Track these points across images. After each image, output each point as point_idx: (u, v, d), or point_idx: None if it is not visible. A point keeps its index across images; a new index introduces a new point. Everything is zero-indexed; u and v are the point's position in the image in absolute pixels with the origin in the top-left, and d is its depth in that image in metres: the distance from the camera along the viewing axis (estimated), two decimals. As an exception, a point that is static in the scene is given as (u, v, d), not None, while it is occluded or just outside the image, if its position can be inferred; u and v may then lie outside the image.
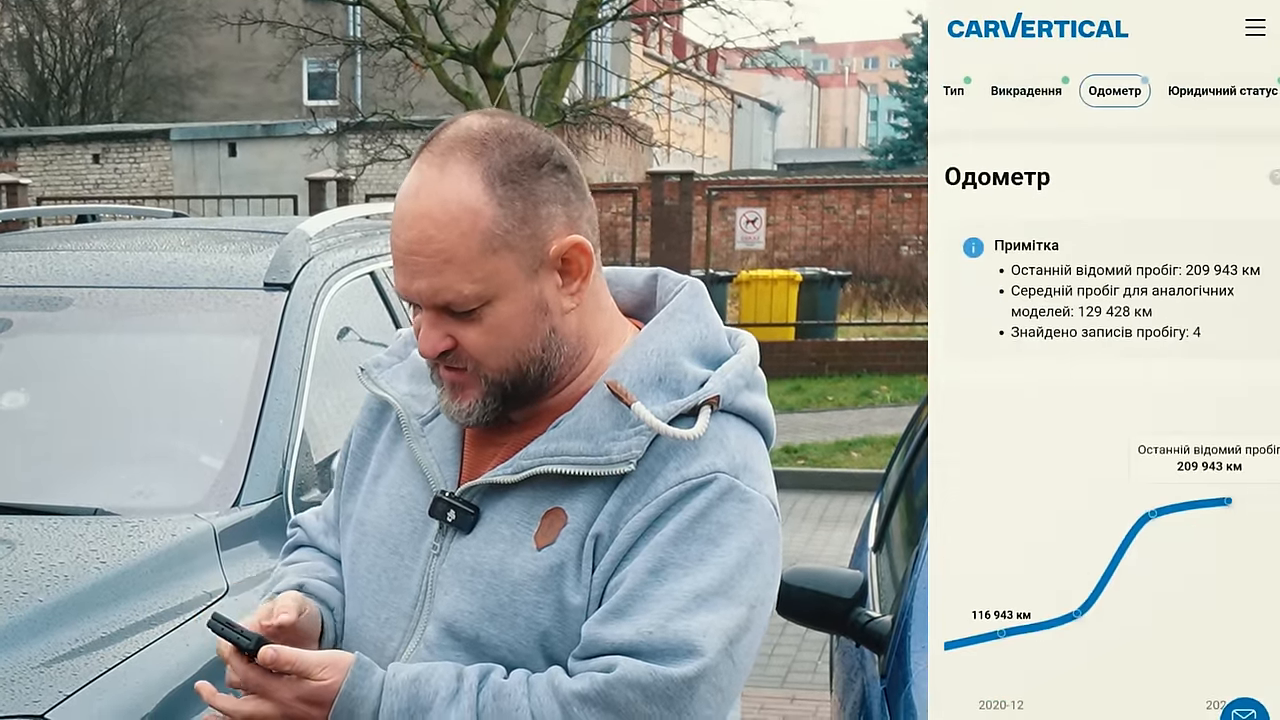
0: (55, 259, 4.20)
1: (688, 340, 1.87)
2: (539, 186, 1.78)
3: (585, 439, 1.80)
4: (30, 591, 2.90)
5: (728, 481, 1.79)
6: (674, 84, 31.90)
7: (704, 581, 1.74)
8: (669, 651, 1.72)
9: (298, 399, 3.65)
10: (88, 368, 3.86)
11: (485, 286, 1.76)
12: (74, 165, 28.09)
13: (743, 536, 1.78)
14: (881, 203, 25.37)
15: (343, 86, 31.14)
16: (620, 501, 1.78)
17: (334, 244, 4.27)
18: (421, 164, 1.79)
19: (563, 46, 17.97)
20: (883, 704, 3.07)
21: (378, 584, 1.93)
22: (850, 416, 13.84)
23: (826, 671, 5.86)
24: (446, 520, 1.87)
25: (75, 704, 2.63)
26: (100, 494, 3.42)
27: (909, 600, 3.13)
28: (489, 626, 1.81)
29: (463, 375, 1.83)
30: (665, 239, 18.03)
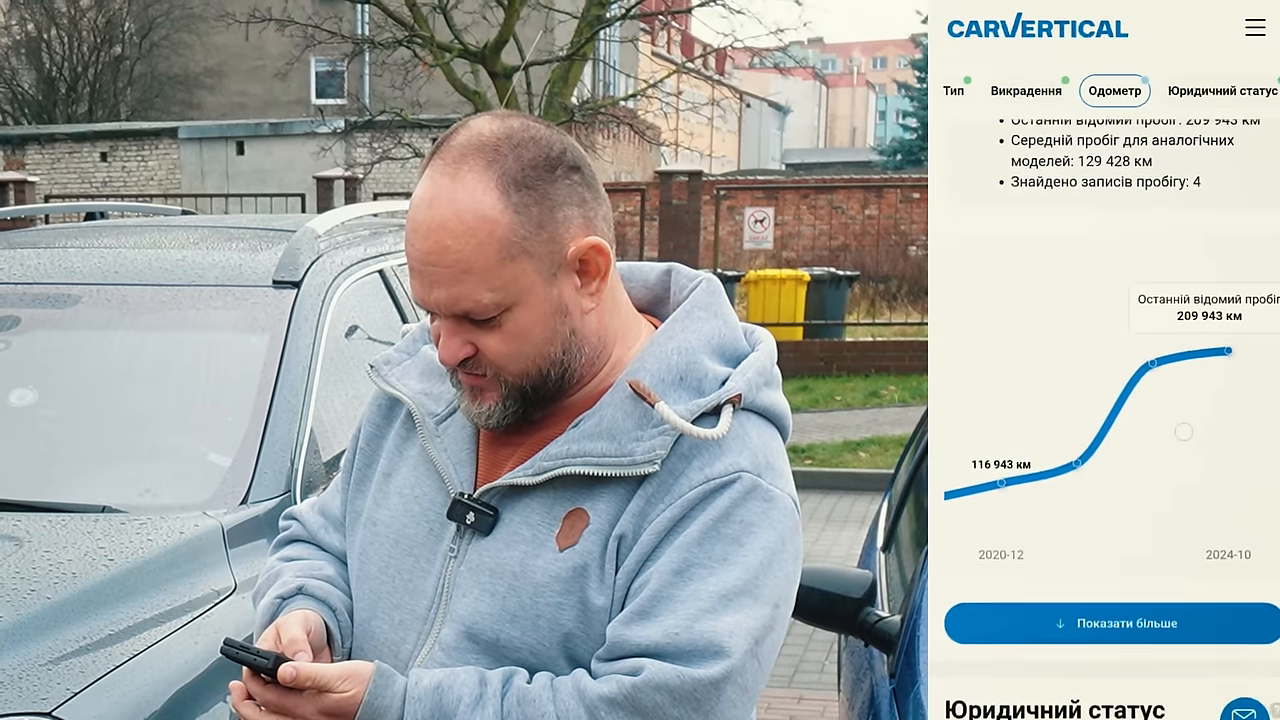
0: (64, 256, 4.20)
1: (707, 338, 1.86)
2: (554, 190, 1.76)
3: (608, 439, 1.79)
4: (38, 589, 2.90)
5: (751, 481, 1.77)
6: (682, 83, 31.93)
7: (729, 581, 1.73)
8: (696, 653, 1.71)
9: (306, 397, 3.64)
10: (96, 365, 3.86)
11: (504, 294, 1.75)
12: (82, 163, 28.14)
13: (766, 535, 1.77)
14: (890, 203, 25.37)
15: (351, 85, 31.14)
16: (644, 501, 1.77)
17: (343, 242, 4.26)
18: (434, 172, 1.77)
19: (571, 45, 17.95)
20: (891, 704, 3.06)
21: (392, 585, 1.91)
22: (858, 416, 13.82)
23: (834, 671, 5.85)
24: (465, 522, 1.85)
25: (83, 701, 2.63)
26: (108, 491, 3.42)
27: (918, 600, 3.13)
28: (510, 629, 1.80)
29: (483, 380, 1.81)
30: (673, 238, 18.03)
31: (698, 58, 29.75)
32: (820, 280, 17.16)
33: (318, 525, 2.09)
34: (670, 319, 1.89)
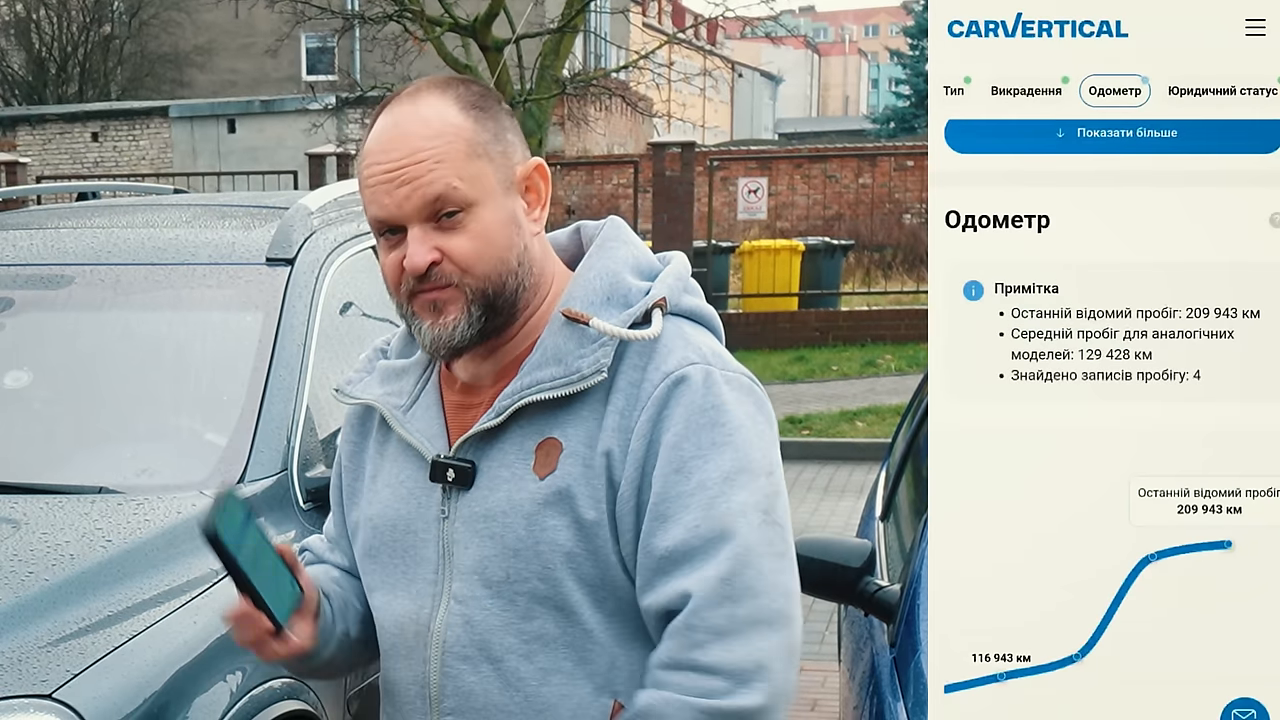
0: (56, 237, 4.19)
1: (624, 260, 2.00)
2: (500, 116, 1.96)
3: (555, 364, 1.92)
4: (36, 571, 2.90)
5: (704, 369, 1.91)
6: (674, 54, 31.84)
7: (726, 464, 1.87)
8: (715, 538, 1.84)
9: (301, 374, 3.64)
10: (90, 346, 3.85)
11: (471, 188, 1.89)
12: (73, 144, 28.06)
13: (738, 413, 1.90)
14: (884, 171, 25.32)
15: (341, 61, 31.05)
16: (618, 415, 1.90)
17: (336, 218, 4.24)
18: (391, 107, 1.94)
19: (562, 18, 17.90)
20: (892, 673, 3.06)
21: (403, 563, 2.03)
22: (855, 386, 13.82)
23: (834, 642, 5.85)
24: (448, 480, 1.97)
25: (83, 682, 2.63)
26: (105, 472, 3.42)
27: (917, 569, 3.12)
28: (515, 562, 1.92)
29: (445, 291, 1.92)
30: (667, 210, 17.97)
31: (689, 28, 29.69)
32: (815, 250, 17.15)
33: (324, 550, 2.22)
34: (587, 255, 2.03)
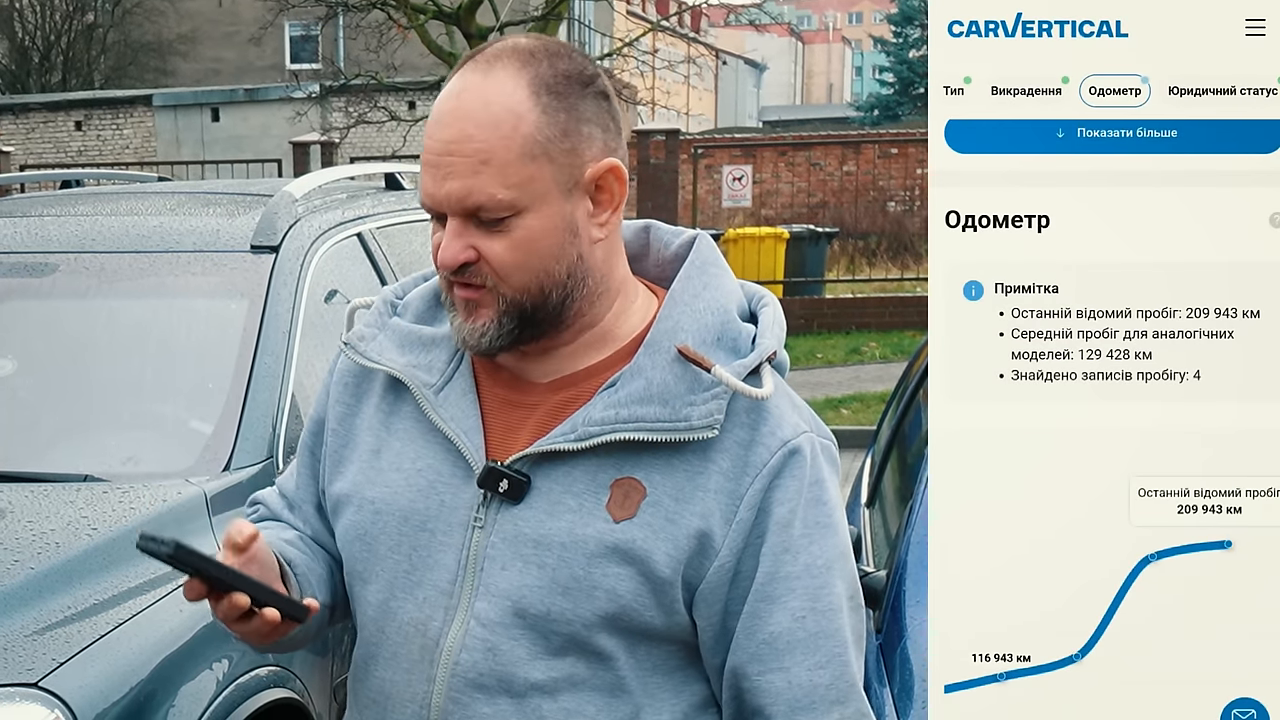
0: (40, 224, 4.17)
1: (732, 295, 1.83)
2: (582, 104, 1.73)
3: (660, 404, 1.73)
4: (21, 559, 2.89)
5: (811, 440, 1.78)
6: (658, 42, 31.81)
7: (829, 549, 1.77)
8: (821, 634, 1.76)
9: (287, 362, 3.63)
10: (75, 333, 3.84)
11: (518, 194, 1.69)
12: (56, 133, 27.95)
13: (833, 491, 1.81)
14: (868, 159, 25.32)
15: (325, 49, 31.00)
16: (722, 477, 1.74)
17: (320, 205, 4.24)
18: (466, 70, 1.73)
19: (546, 5, 17.88)
20: (878, 660, 3.07)
21: (409, 563, 1.81)
22: (840, 374, 13.81)
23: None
24: (497, 490, 1.76)
25: (69, 671, 2.63)
26: (90, 460, 3.41)
27: (903, 555, 3.13)
28: (561, 601, 1.73)
29: (479, 292, 1.73)
30: (652, 198, 17.98)
31: (673, 15, 29.67)
32: (799, 237, 17.13)
33: (280, 506, 2.00)
34: (685, 276, 1.83)
